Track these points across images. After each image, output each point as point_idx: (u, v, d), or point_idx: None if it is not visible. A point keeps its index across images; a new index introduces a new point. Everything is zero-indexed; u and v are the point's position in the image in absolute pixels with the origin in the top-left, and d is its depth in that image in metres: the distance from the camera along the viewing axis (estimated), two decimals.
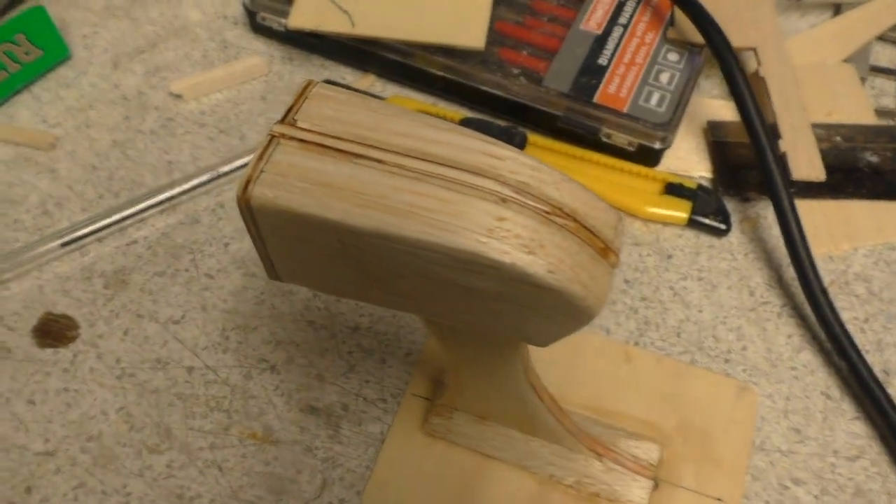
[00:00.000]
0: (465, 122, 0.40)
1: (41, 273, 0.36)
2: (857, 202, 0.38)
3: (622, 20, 0.40)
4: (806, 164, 0.35)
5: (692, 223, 0.38)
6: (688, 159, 0.40)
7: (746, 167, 0.39)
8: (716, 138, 0.40)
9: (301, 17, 0.40)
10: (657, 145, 0.38)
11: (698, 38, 0.38)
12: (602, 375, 0.34)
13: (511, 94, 0.39)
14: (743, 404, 0.34)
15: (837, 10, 0.43)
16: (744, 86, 0.35)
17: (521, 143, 0.39)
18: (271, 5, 0.41)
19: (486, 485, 0.32)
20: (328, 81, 0.42)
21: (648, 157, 0.38)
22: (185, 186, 0.38)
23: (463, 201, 0.20)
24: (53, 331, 0.35)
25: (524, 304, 0.21)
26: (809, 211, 0.38)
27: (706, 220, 0.37)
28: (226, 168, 0.38)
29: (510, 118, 0.40)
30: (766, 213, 0.39)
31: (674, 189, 0.38)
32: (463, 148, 0.21)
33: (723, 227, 0.37)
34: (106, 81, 0.42)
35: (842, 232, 0.38)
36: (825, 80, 0.40)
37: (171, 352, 0.34)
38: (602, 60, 0.39)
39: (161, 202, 0.38)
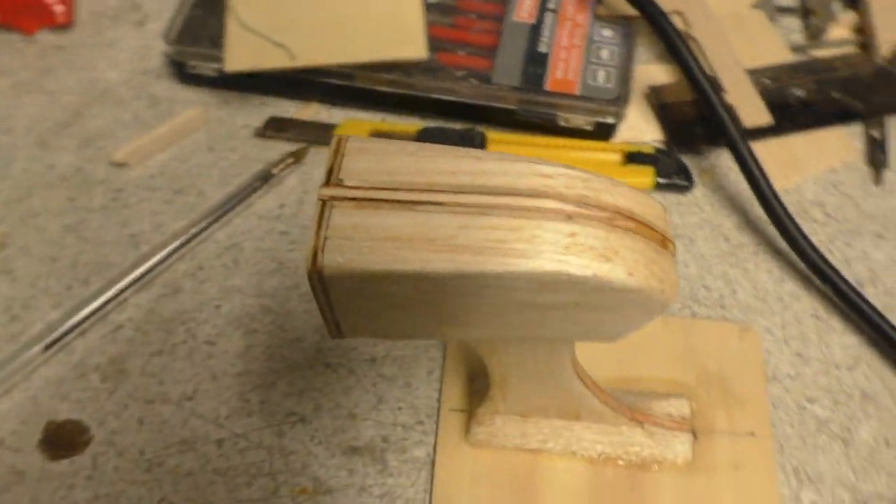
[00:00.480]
0: (424, 132, 0.40)
1: (30, 383, 0.34)
2: (794, 136, 0.41)
3: (551, 5, 0.42)
4: (753, 112, 0.38)
5: (658, 186, 0.40)
6: (637, 127, 0.42)
7: (691, 123, 0.41)
8: (659, 101, 0.42)
9: (238, 60, 0.39)
10: (612, 120, 0.39)
11: (627, 9, 0.40)
12: (617, 346, 0.36)
13: (463, 97, 0.39)
14: (748, 343, 0.36)
15: None
16: (684, 48, 0.37)
17: (481, 143, 0.40)
18: (200, 52, 0.40)
19: (543, 478, 0.32)
20: (274, 118, 0.41)
21: (604, 132, 0.40)
22: (159, 257, 0.36)
23: (532, 225, 0.20)
24: (63, 440, 0.33)
25: (603, 308, 0.21)
26: (757, 152, 0.40)
27: (671, 181, 0.39)
28: (196, 229, 0.37)
29: (466, 120, 0.41)
30: (718, 162, 0.41)
31: (634, 157, 0.40)
32: (514, 173, 0.21)
33: (686, 183, 0.40)
34: (38, 164, 0.40)
35: (788, 166, 0.41)
36: (742, 28, 0.43)
37: (194, 429, 0.33)
38: (542, 48, 0.40)
39: (137, 279, 0.36)
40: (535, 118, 0.39)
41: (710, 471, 0.33)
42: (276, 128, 0.41)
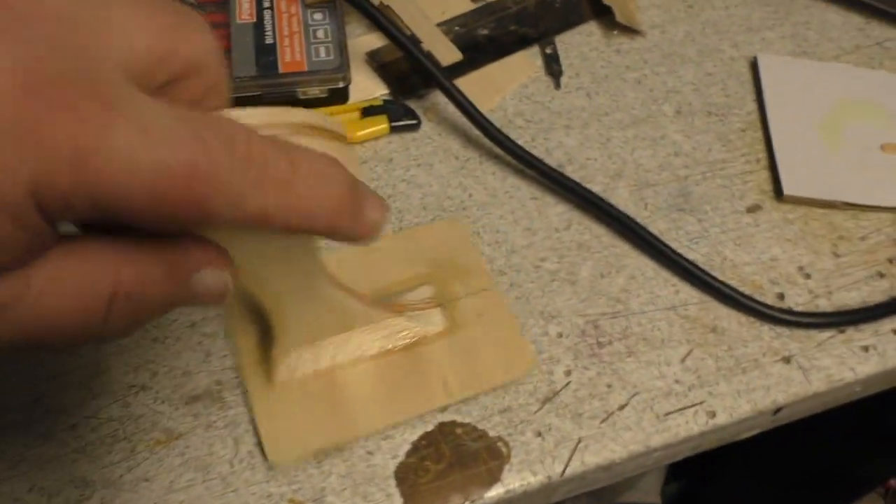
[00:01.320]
0: None
1: None
2: (489, 66, 0.52)
3: (266, 4, 0.49)
4: (446, 53, 0.48)
5: (393, 129, 0.48)
6: (366, 88, 0.50)
7: (407, 74, 0.50)
8: (377, 63, 0.50)
9: None
10: (341, 84, 0.47)
11: None
12: (364, 267, 0.43)
13: None
14: (459, 230, 0.44)
15: None
16: (379, 15, 0.46)
17: None
18: None
19: (343, 386, 0.38)
20: None
21: (339, 96, 0.48)
22: None
23: None
24: None
25: None
26: (462, 85, 0.50)
27: (402, 123, 0.48)
28: None
29: None
30: (436, 99, 0.50)
31: (368, 111, 0.48)
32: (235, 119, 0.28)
33: (415, 121, 0.49)
34: None
35: (490, 89, 0.51)
36: None
37: (47, 423, 0.38)
38: (269, 40, 0.47)
39: None
40: (279, 97, 0.47)
41: (464, 325, 0.41)
42: None
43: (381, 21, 0.46)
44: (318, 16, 0.49)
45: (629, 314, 0.43)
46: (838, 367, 0.42)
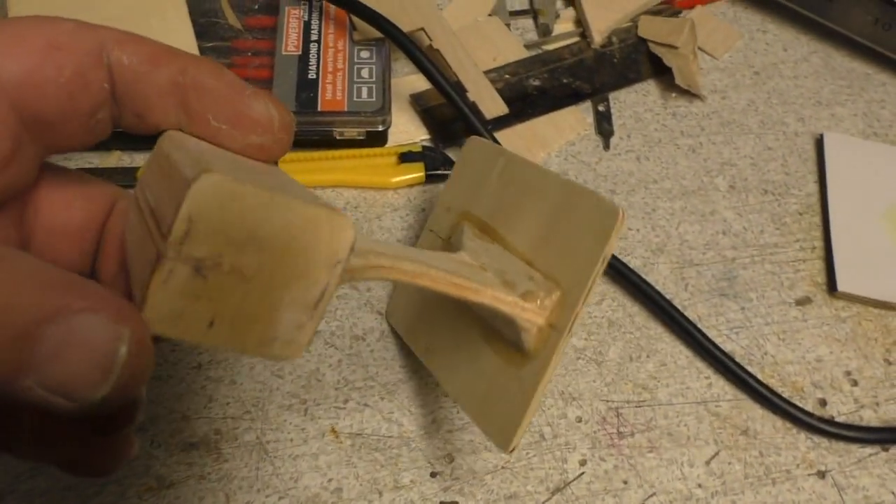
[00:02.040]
0: None
1: None
2: (536, 119, 0.49)
3: (314, 37, 0.48)
4: (492, 105, 0.46)
5: (429, 178, 0.46)
6: (407, 131, 0.48)
7: (451, 121, 0.48)
8: (421, 107, 0.49)
9: None
10: (380, 128, 0.46)
11: (377, 33, 0.47)
12: None
13: None
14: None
15: None
16: (426, 61, 0.44)
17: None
18: None
19: None
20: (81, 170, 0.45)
21: (377, 139, 0.46)
22: None
23: None
24: None
25: None
26: (506, 137, 0.48)
27: (439, 172, 0.46)
28: None
29: None
30: None
31: (406, 157, 0.46)
32: None
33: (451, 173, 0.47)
34: None
35: (535, 145, 0.49)
36: (482, 35, 0.51)
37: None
38: (311, 75, 0.46)
39: None
40: (314, 136, 0.45)
41: None
42: None
43: (427, 67, 0.44)
44: (364, 54, 0.47)
45: (655, 404, 0.41)
46: (878, 488, 0.38)
